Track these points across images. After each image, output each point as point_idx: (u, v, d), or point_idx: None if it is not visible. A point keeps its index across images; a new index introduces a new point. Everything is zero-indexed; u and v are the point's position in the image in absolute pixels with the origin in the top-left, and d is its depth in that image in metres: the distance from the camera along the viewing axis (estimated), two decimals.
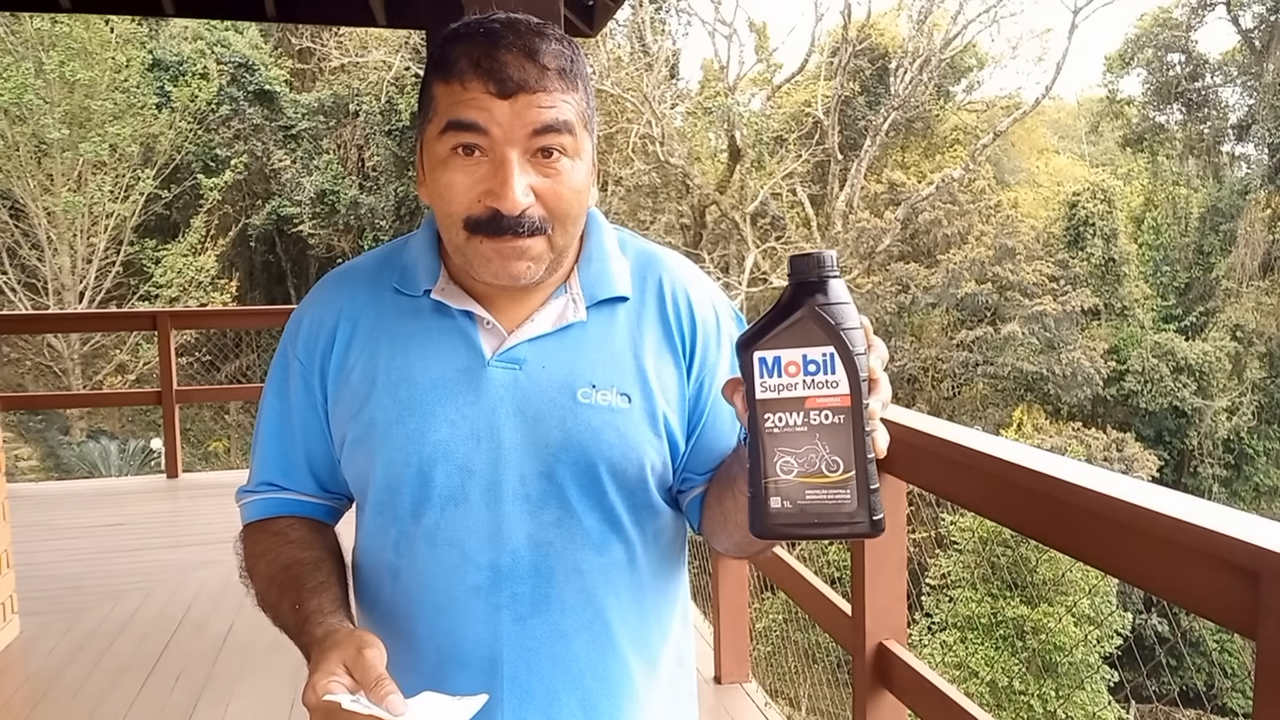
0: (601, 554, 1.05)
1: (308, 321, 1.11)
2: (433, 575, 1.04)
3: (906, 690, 2.05)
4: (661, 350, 1.08)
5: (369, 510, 1.08)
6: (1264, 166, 20.68)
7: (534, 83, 0.95)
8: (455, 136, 0.96)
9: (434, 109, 0.98)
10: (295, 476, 1.13)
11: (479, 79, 0.95)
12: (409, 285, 1.07)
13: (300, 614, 0.99)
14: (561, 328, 1.05)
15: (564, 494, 1.03)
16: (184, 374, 16.02)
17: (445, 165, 0.97)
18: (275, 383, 1.13)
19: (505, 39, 0.96)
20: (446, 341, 1.05)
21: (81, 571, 4.36)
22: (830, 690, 10.97)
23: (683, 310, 1.10)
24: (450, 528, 1.03)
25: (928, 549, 12.82)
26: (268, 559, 1.08)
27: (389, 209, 18.34)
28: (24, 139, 15.38)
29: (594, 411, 1.03)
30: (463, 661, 1.03)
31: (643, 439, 1.04)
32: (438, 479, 1.02)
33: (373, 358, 1.06)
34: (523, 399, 1.03)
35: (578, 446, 1.02)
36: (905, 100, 20.77)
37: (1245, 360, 19.10)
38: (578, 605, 1.04)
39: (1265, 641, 1.11)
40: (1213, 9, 21.70)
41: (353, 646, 0.89)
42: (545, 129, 0.96)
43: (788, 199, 21.27)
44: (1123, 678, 11.84)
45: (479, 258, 0.99)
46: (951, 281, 18.97)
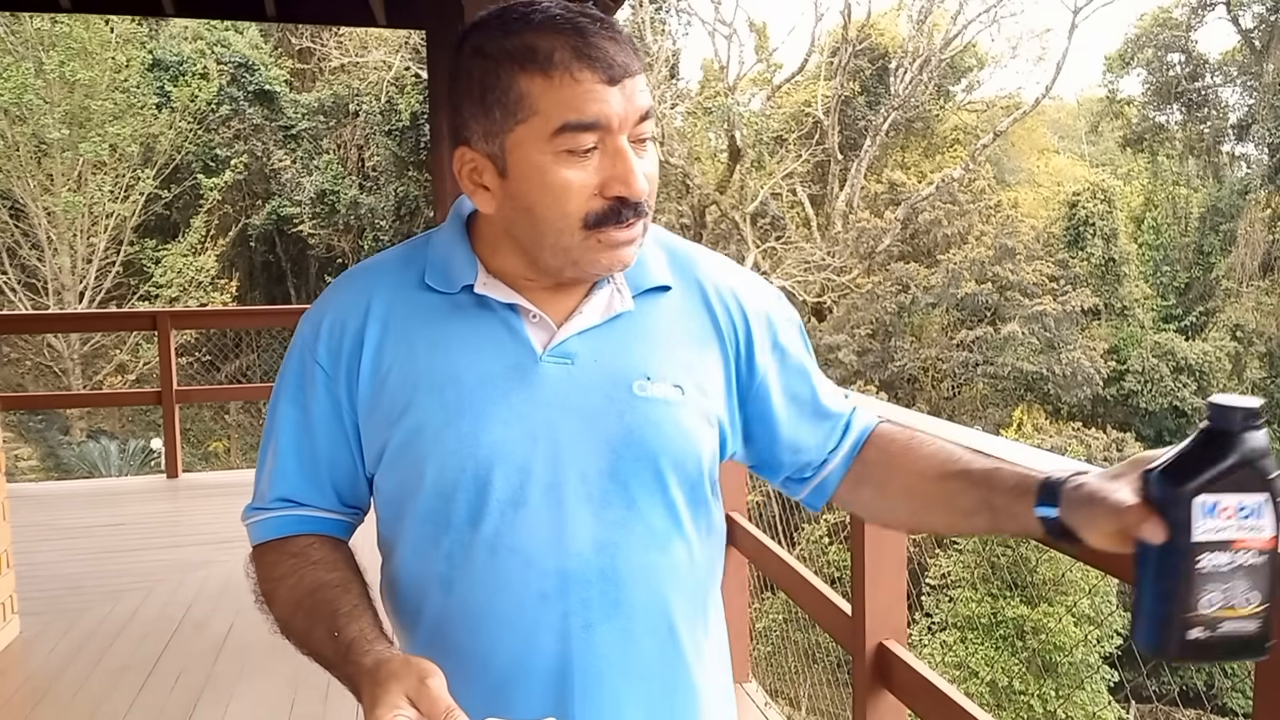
0: (665, 553, 1.01)
1: (329, 323, 1.03)
2: (494, 585, 0.98)
3: (906, 690, 2.05)
4: (706, 341, 1.05)
5: (414, 520, 1.01)
6: (1264, 166, 20.69)
7: (632, 65, 0.93)
8: (571, 138, 0.91)
9: (529, 108, 0.91)
10: (315, 492, 1.06)
11: (588, 68, 0.90)
12: (443, 281, 1.01)
13: (340, 642, 0.93)
14: (611, 318, 1.01)
15: (628, 492, 0.99)
16: (184, 374, 16.02)
17: (556, 165, 0.92)
18: (291, 390, 1.05)
19: (589, 24, 0.92)
20: (491, 338, 1.00)
21: (81, 571, 4.36)
22: (830, 690, 10.97)
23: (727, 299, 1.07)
24: (511, 533, 0.97)
25: (928, 549, 12.83)
26: (289, 583, 1.02)
27: (389, 209, 18.34)
28: (24, 139, 15.38)
29: (651, 404, 0.99)
30: (530, 674, 0.98)
31: (698, 431, 1.02)
32: (496, 482, 0.97)
33: (410, 359, 1.00)
34: (578, 394, 0.98)
35: (639, 442, 0.98)
36: (905, 100, 20.77)
37: (1245, 360, 19.11)
38: (645, 609, 1.00)
39: None
40: (1213, 9, 21.71)
41: (414, 676, 0.83)
42: (647, 114, 0.94)
43: (788, 199, 21.28)
44: (1123, 678, 11.84)
45: (591, 252, 0.95)
46: (951, 281, 18.98)
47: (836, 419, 1.13)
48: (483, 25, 0.95)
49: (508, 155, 0.94)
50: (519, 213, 0.95)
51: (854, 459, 1.12)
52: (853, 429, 1.13)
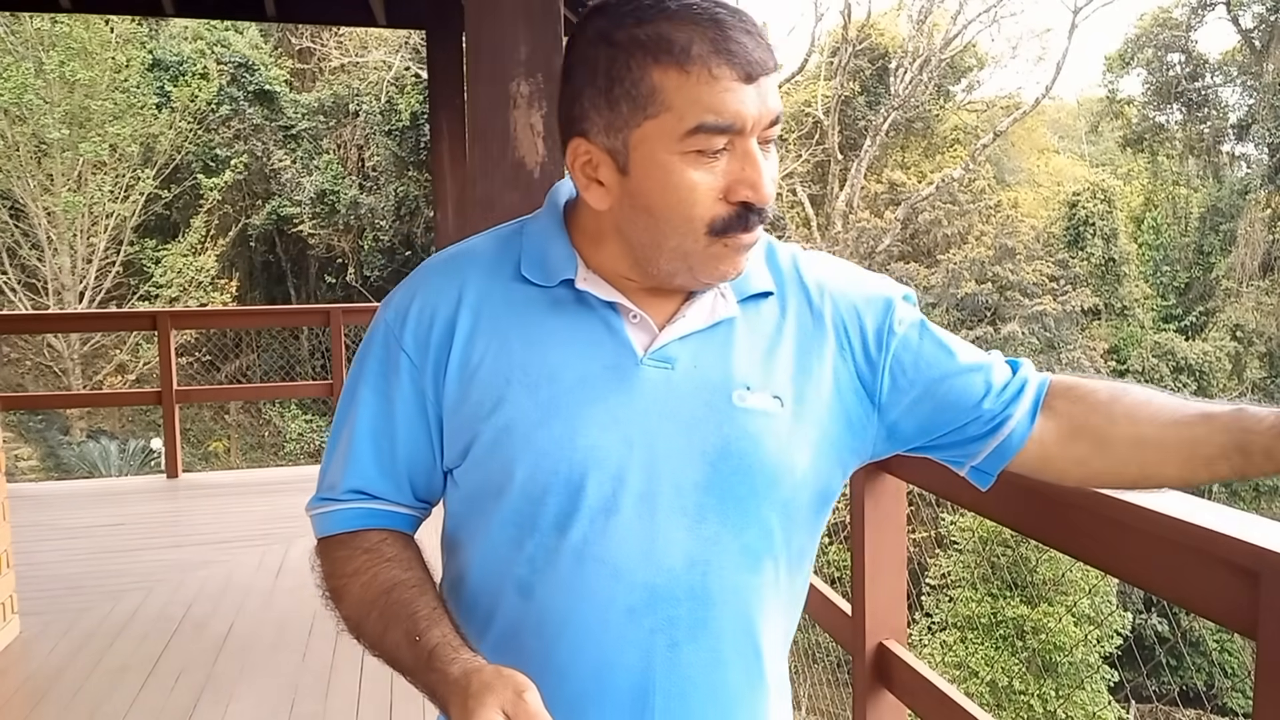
0: (755, 573, 0.97)
1: (417, 310, 0.98)
2: (578, 595, 0.94)
3: (906, 690, 2.04)
4: (813, 347, 0.99)
5: (495, 520, 0.96)
6: (1264, 166, 20.69)
7: (769, 63, 0.88)
8: (706, 140, 0.86)
9: (660, 102, 0.86)
10: (391, 485, 1.01)
11: (726, 64, 0.85)
12: (541, 274, 0.97)
13: (421, 648, 0.89)
14: (713, 324, 0.96)
15: (722, 507, 0.94)
16: (184, 374, 16.03)
17: (684, 165, 0.87)
18: (372, 378, 1.00)
19: (726, 15, 0.87)
20: (590, 336, 0.95)
21: (81, 571, 4.36)
22: (830, 690, 10.98)
23: (836, 297, 1.02)
24: (600, 542, 0.93)
25: (928, 549, 12.83)
26: (362, 580, 0.97)
27: (389, 209, 18.34)
28: (24, 139, 15.38)
29: (751, 416, 0.95)
30: (609, 691, 0.94)
31: (797, 445, 0.96)
32: (589, 488, 0.92)
33: (503, 352, 0.95)
34: (677, 401, 0.94)
35: (738, 454, 0.94)
36: (905, 100, 20.77)
37: (1245, 360, 19.11)
38: (734, 631, 0.96)
39: (1265, 641, 1.11)
40: (1213, 9, 21.70)
41: (509, 689, 0.80)
42: (777, 117, 0.90)
43: (788, 199, 21.27)
44: (1123, 678, 11.85)
45: (712, 259, 0.91)
46: (951, 281, 18.98)
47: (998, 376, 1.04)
48: (612, 10, 0.90)
49: (631, 151, 0.89)
50: (637, 212, 0.91)
51: (1038, 415, 1.03)
52: (1030, 384, 1.04)
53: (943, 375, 1.02)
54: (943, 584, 12.48)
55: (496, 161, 2.20)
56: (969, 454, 1.06)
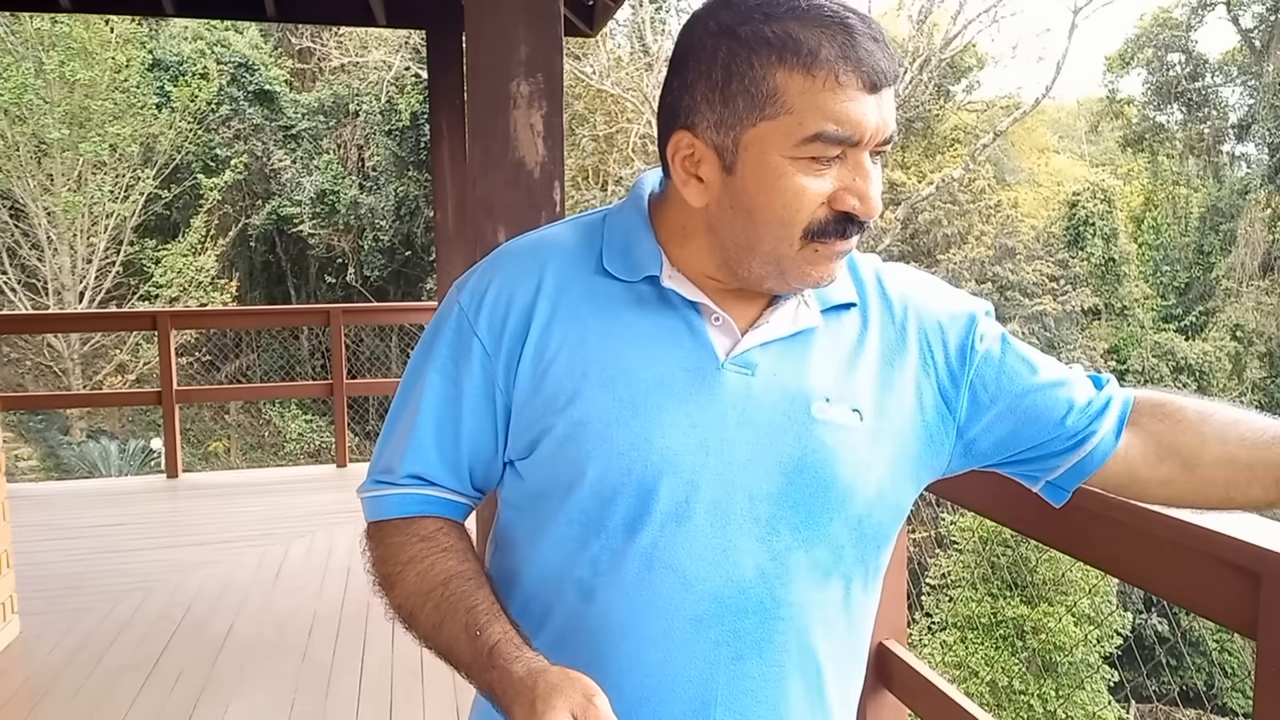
0: (823, 590, 0.94)
1: (494, 295, 0.95)
2: (644, 601, 0.91)
3: (906, 690, 2.04)
4: (895, 361, 0.98)
5: (562, 518, 0.94)
6: (1264, 166, 20.68)
7: (892, 75, 0.87)
8: (823, 148, 0.84)
9: (782, 105, 0.84)
10: (451, 473, 0.99)
11: (853, 72, 0.84)
12: (624, 268, 0.94)
13: (482, 643, 0.87)
14: (796, 333, 0.94)
15: (795, 519, 0.92)
16: (184, 374, 16.03)
17: (794, 170, 0.85)
18: (441, 362, 0.97)
19: (855, 22, 0.86)
20: (671, 335, 0.93)
21: (81, 571, 4.36)
22: None
23: (920, 312, 1.00)
24: (670, 549, 0.90)
25: (928, 549, 12.83)
26: (418, 568, 0.95)
27: (389, 209, 18.34)
28: (24, 139, 15.38)
29: (829, 429, 0.92)
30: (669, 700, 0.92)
31: (876, 460, 0.95)
32: (662, 492, 0.90)
33: (580, 345, 0.93)
34: (755, 409, 0.91)
35: (814, 466, 0.92)
36: (905, 100, 20.77)
37: (1245, 360, 19.11)
38: (798, 647, 0.94)
39: (1265, 641, 1.11)
40: (1213, 9, 21.70)
41: (578, 693, 0.78)
42: (893, 133, 0.88)
43: None
44: (1123, 677, 11.84)
45: (804, 264, 0.89)
46: (952, 281, 18.70)
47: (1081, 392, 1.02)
48: (738, 3, 0.87)
49: (741, 151, 0.87)
50: (736, 213, 0.89)
51: (1123, 432, 1.01)
52: (1115, 400, 1.02)
53: (1025, 391, 1.01)
54: (943, 584, 12.48)
55: (496, 161, 2.19)
56: (1047, 469, 1.04)
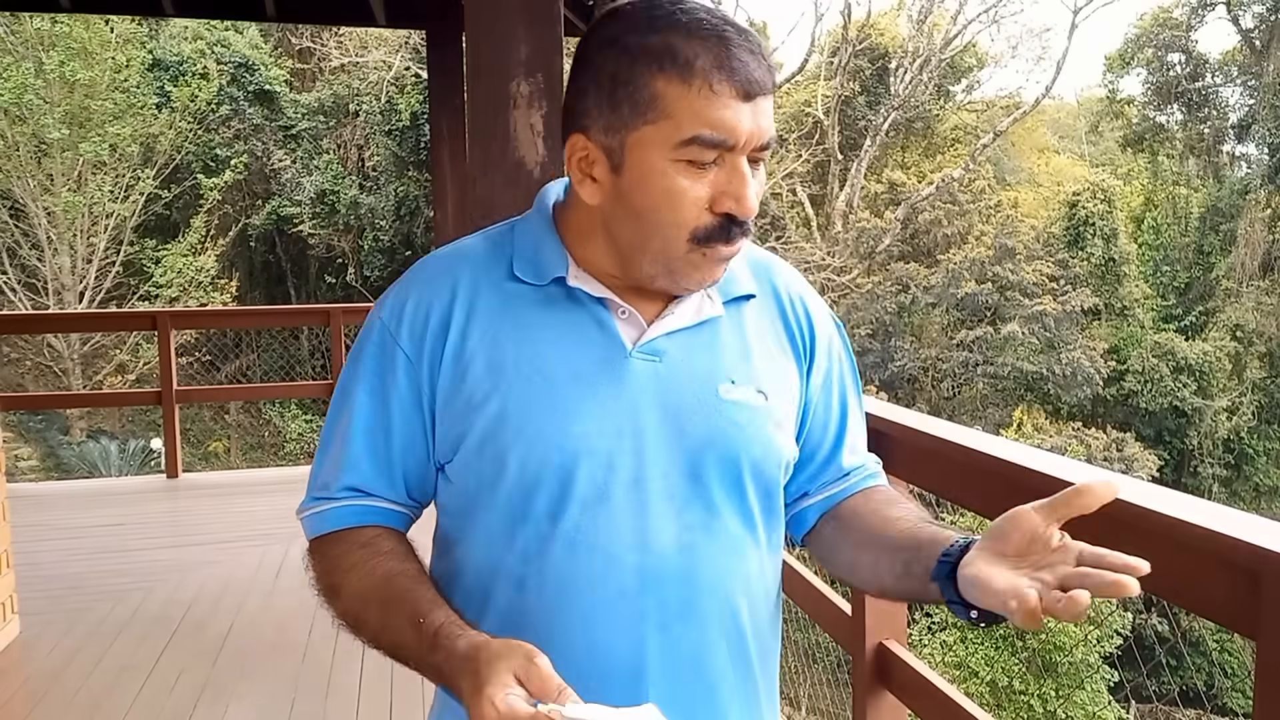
0: (740, 558, 1.01)
1: (411, 306, 1.00)
2: (571, 581, 0.96)
3: (906, 690, 2.04)
4: (784, 350, 1.07)
5: (487, 513, 0.98)
6: (1264, 166, 20.68)
7: (768, 84, 0.91)
8: (698, 152, 0.90)
9: (661, 111, 0.90)
10: (386, 482, 1.02)
11: (727, 80, 0.89)
12: (533, 273, 0.99)
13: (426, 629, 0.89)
14: (700, 322, 1.01)
15: (709, 493, 0.98)
16: (184, 374, 16.02)
17: (674, 172, 0.91)
18: (368, 376, 1.01)
19: (732, 34, 0.90)
20: (581, 331, 0.98)
21: (81, 571, 4.36)
22: (830, 690, 10.97)
23: (800, 313, 1.09)
24: (592, 529, 0.95)
25: None
26: (359, 573, 0.98)
27: (389, 209, 18.34)
28: (24, 139, 15.38)
29: (737, 408, 0.99)
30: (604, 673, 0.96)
31: (777, 438, 1.03)
32: (581, 477, 0.95)
33: (497, 347, 0.98)
34: (665, 392, 0.98)
35: (723, 443, 0.98)
36: (905, 100, 20.78)
37: (1245, 360, 19.10)
38: (720, 614, 0.99)
39: (1265, 641, 1.11)
40: (1213, 9, 21.70)
41: (520, 655, 0.81)
42: (770, 139, 0.93)
43: (788, 199, 21.27)
44: (1123, 678, 11.84)
45: (691, 266, 0.94)
46: (951, 281, 18.98)
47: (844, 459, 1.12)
48: (625, 16, 0.93)
49: (627, 153, 0.92)
50: (625, 212, 0.94)
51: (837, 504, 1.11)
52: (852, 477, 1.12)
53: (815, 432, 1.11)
54: None
55: (496, 161, 2.19)
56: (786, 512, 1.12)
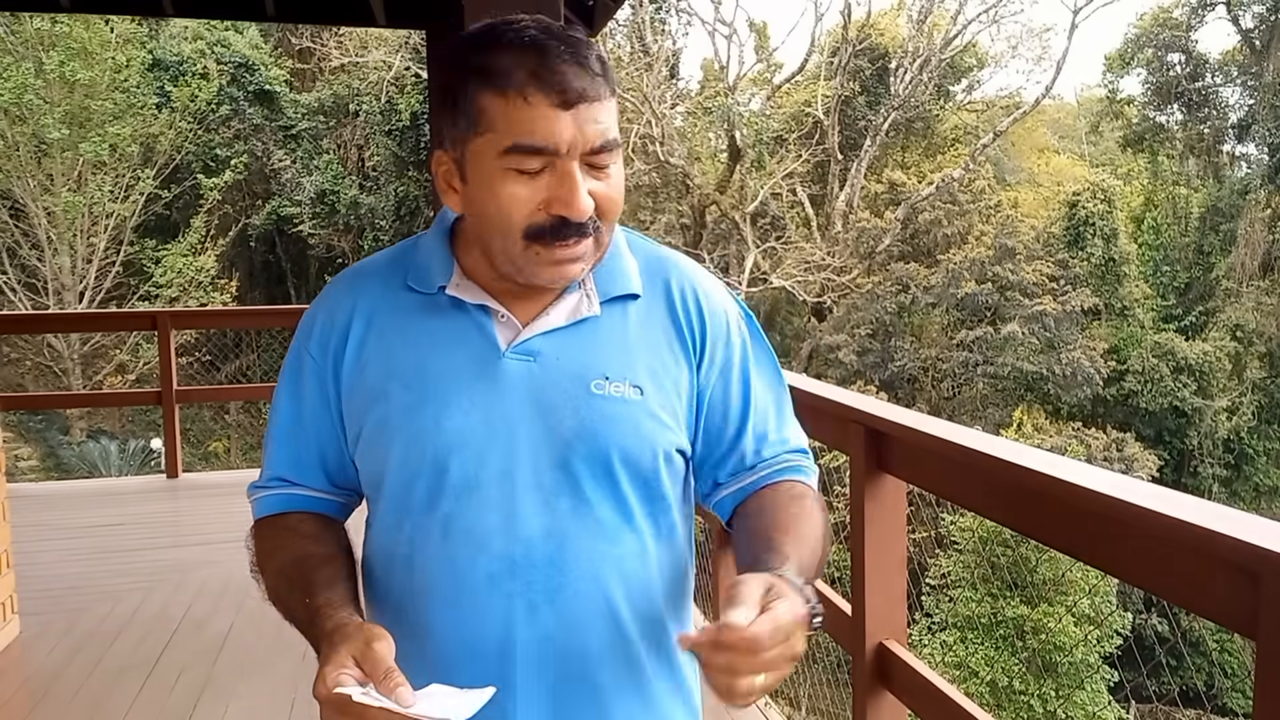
0: (614, 544, 1.06)
1: (321, 319, 1.12)
2: (446, 566, 1.04)
3: (906, 690, 2.04)
4: (672, 346, 1.10)
5: (382, 502, 1.09)
6: (1264, 166, 20.68)
7: (590, 92, 0.96)
8: (520, 159, 0.96)
9: (487, 123, 0.97)
10: (307, 472, 1.14)
11: (540, 92, 0.95)
12: (422, 283, 1.08)
13: (310, 607, 1.00)
14: (575, 321, 1.07)
15: (577, 484, 1.04)
16: (184, 374, 16.02)
17: (504, 179, 0.97)
18: (287, 380, 1.14)
19: (555, 48, 0.96)
20: (462, 335, 1.06)
21: (81, 571, 4.36)
22: (830, 690, 10.97)
23: (691, 309, 1.12)
24: (464, 517, 1.03)
25: (928, 549, 12.83)
26: (278, 554, 1.09)
27: (389, 209, 18.34)
28: (24, 139, 15.38)
29: (607, 402, 1.04)
30: (477, 652, 1.03)
31: (655, 430, 1.06)
32: (453, 468, 1.03)
33: (387, 353, 1.07)
34: (538, 390, 1.04)
35: (591, 436, 1.03)
36: (905, 100, 20.77)
37: (1245, 360, 19.10)
38: (590, 595, 1.04)
39: (1265, 641, 1.11)
40: (1213, 9, 21.70)
41: (361, 639, 0.91)
42: (603, 146, 0.98)
43: (788, 199, 21.27)
44: (1123, 678, 11.84)
45: (534, 263, 1.00)
46: (951, 281, 18.97)
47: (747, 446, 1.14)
48: (463, 39, 1.01)
49: (467, 164, 1.00)
50: (477, 217, 1.03)
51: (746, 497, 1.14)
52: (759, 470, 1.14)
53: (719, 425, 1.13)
54: (943, 584, 12.47)
55: None
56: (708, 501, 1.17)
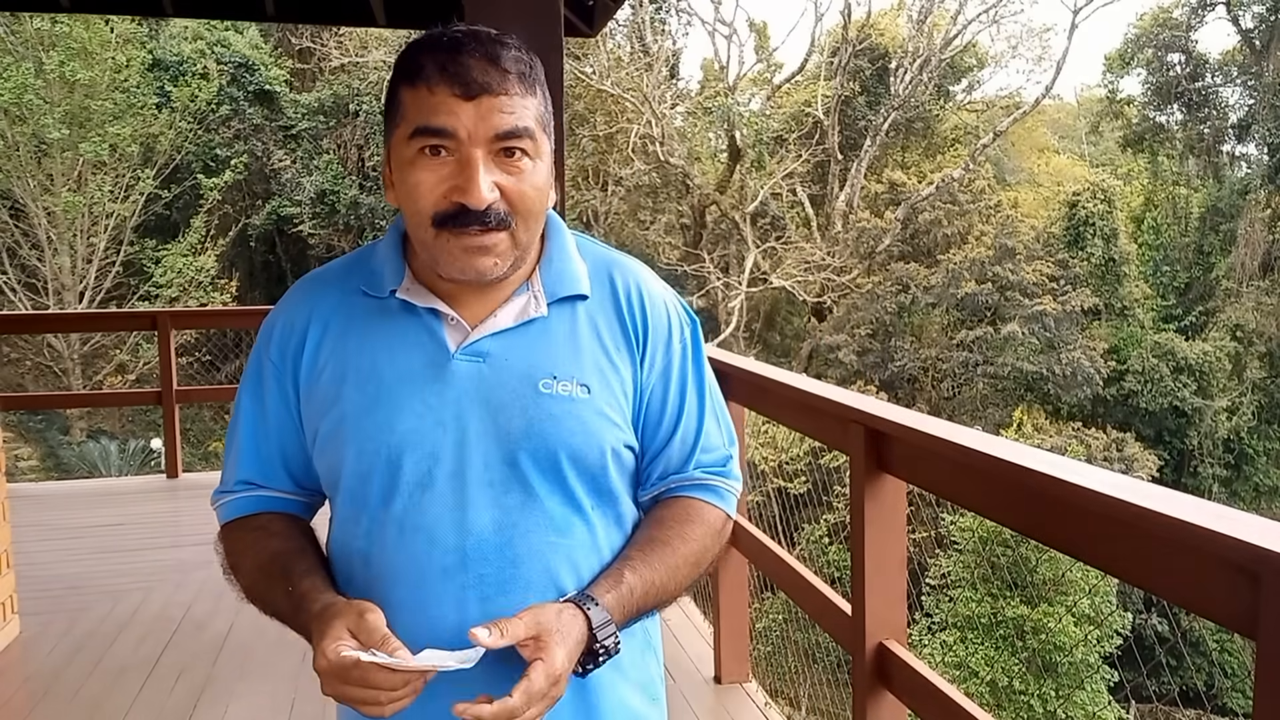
0: (564, 536, 1.10)
1: (280, 325, 1.16)
2: (402, 560, 1.08)
3: (906, 690, 2.04)
4: (618, 346, 1.14)
5: (340, 501, 1.13)
6: (1264, 166, 20.68)
7: (496, 86, 1.02)
8: (422, 140, 1.02)
9: (401, 114, 1.04)
10: (271, 474, 1.18)
11: (444, 83, 1.01)
12: (375, 287, 1.13)
13: (294, 595, 1.05)
14: (523, 322, 1.11)
15: (526, 479, 1.08)
16: (184, 374, 16.01)
17: (413, 166, 1.03)
18: (249, 385, 1.18)
19: (468, 45, 1.02)
20: (413, 338, 1.10)
21: (81, 571, 4.36)
22: (830, 690, 10.98)
23: (636, 309, 1.16)
24: (418, 513, 1.07)
25: (928, 549, 12.83)
26: (252, 553, 1.14)
27: (389, 209, 18.32)
28: (24, 139, 15.37)
29: (555, 401, 1.08)
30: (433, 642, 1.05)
31: (602, 427, 1.10)
32: (406, 466, 1.07)
33: (342, 356, 1.11)
34: (487, 390, 1.08)
35: (539, 434, 1.07)
36: (905, 100, 20.77)
37: (1245, 360, 19.10)
38: (542, 585, 1.08)
39: (1265, 641, 1.11)
40: (1213, 9, 21.70)
41: (354, 612, 0.97)
42: (508, 134, 1.02)
43: (788, 199, 21.27)
44: (1123, 678, 11.84)
45: (446, 254, 1.04)
46: (951, 281, 18.97)
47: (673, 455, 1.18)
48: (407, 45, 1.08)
49: (391, 155, 1.07)
50: (402, 210, 1.08)
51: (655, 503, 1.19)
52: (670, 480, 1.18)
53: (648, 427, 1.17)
54: (943, 584, 12.47)
55: None
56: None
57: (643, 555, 1.12)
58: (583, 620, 1.02)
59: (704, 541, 1.17)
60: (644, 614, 1.13)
